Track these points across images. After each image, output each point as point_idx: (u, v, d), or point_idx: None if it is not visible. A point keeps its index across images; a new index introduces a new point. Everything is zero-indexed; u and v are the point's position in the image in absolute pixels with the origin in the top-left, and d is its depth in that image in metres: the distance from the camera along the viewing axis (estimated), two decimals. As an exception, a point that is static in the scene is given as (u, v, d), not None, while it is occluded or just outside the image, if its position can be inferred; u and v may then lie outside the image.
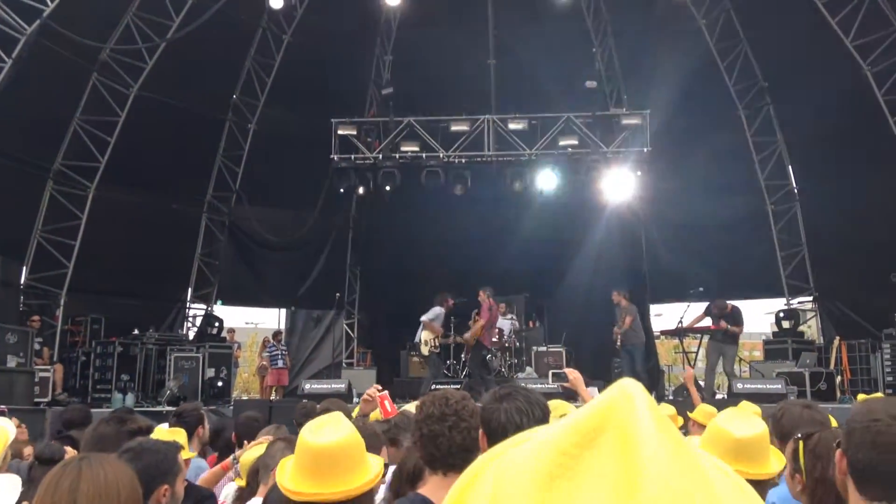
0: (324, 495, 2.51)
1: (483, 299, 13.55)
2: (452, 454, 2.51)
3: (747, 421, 2.82)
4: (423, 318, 13.51)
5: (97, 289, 15.79)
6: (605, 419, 0.57)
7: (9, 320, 12.77)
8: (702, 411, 5.87)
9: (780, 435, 3.14)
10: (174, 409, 6.14)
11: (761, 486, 2.70)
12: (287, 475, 2.60)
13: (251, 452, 4.12)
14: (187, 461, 3.91)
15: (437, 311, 13.66)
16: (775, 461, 2.81)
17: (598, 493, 0.54)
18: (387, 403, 5.06)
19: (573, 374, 5.41)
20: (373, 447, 3.07)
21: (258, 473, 3.70)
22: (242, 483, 4.08)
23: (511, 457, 0.59)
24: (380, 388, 5.27)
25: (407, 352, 16.26)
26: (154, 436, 3.55)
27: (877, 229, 14.47)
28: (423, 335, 13.54)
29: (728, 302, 13.31)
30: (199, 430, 5.11)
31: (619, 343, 13.74)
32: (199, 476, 4.52)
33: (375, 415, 5.16)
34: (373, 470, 2.64)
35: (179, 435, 4.21)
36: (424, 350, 13.57)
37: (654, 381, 15.56)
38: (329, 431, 2.61)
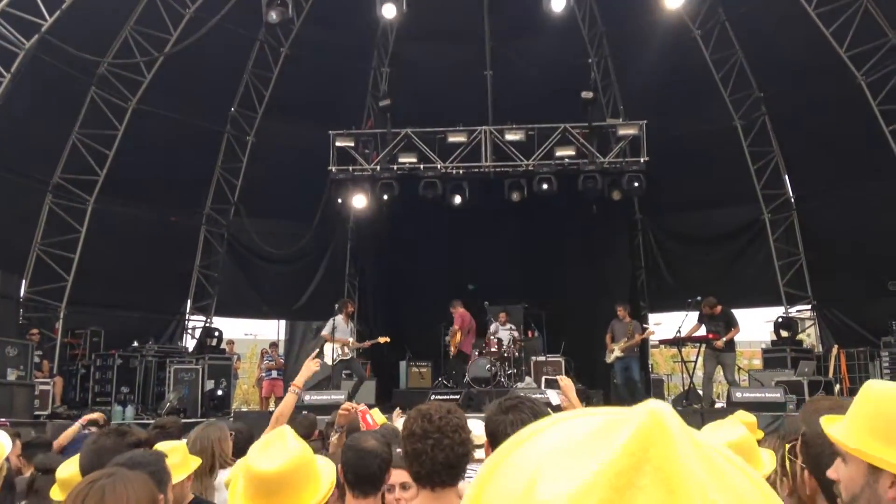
0: None
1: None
2: (437, 472, 2.49)
3: (731, 428, 3.02)
4: (324, 332, 13.27)
5: (96, 301, 15.80)
6: (641, 456, 0.51)
7: (8, 333, 12.74)
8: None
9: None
10: (158, 420, 6.20)
11: None
12: (237, 496, 2.55)
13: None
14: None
15: (334, 320, 13.36)
16: (768, 461, 2.88)
17: None
18: (368, 417, 5.08)
19: (564, 382, 5.41)
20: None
21: None
22: None
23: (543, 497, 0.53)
24: (359, 403, 5.33)
25: (406, 363, 16.30)
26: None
27: (874, 237, 14.52)
28: (325, 349, 13.16)
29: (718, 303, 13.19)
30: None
31: (614, 357, 13.75)
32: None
33: None
34: (322, 488, 2.60)
35: (180, 450, 4.14)
36: (328, 362, 13.20)
37: (655, 389, 15.70)
38: (274, 455, 2.53)
